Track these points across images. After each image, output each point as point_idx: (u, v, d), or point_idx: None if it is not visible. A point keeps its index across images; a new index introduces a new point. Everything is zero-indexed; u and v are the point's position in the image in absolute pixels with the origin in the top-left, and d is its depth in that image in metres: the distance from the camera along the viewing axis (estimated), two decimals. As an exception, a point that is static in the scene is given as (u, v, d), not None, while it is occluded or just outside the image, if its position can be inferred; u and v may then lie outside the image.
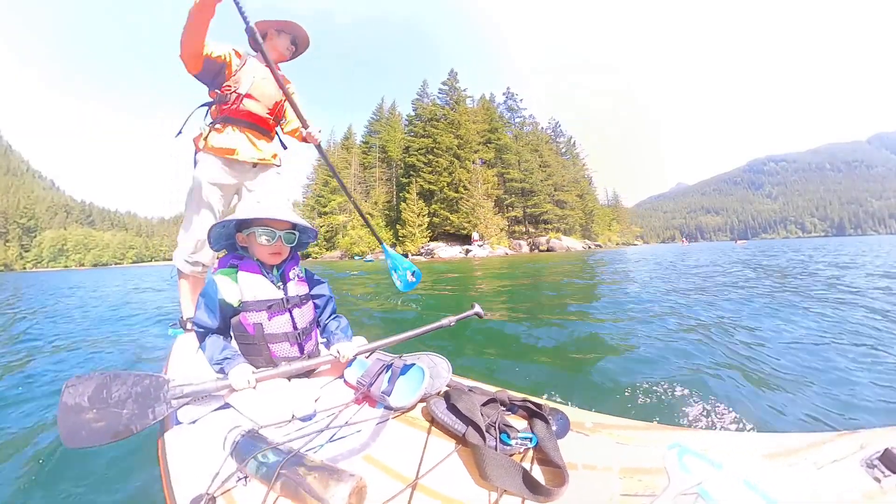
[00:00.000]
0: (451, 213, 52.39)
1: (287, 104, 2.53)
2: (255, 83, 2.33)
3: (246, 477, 1.04)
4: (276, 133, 2.64)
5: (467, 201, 51.95)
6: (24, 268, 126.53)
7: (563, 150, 79.33)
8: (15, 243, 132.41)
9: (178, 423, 1.34)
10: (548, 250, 52.11)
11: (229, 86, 2.29)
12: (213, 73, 2.26)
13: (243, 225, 1.58)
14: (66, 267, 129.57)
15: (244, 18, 2.00)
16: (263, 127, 2.47)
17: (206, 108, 2.41)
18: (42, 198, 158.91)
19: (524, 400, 1.27)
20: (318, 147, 2.61)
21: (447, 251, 48.06)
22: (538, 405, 1.23)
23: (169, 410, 1.30)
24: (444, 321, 1.85)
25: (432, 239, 53.52)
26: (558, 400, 1.36)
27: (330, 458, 1.10)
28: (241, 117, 2.35)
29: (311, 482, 0.93)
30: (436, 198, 54.86)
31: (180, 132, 2.41)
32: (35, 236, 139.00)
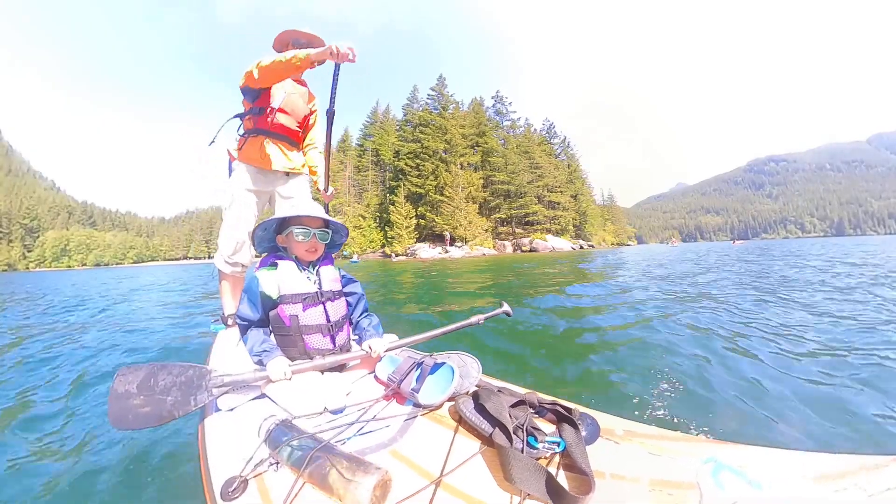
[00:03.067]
0: (437, 216, 54.50)
1: (312, 118, 2.73)
2: (286, 98, 2.48)
3: (277, 463, 1.08)
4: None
5: (448, 204, 53.92)
6: (28, 267, 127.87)
7: (559, 152, 78.16)
8: (18, 243, 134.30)
9: (218, 410, 1.41)
10: (531, 251, 52.75)
11: (264, 100, 2.42)
12: (260, 91, 2.40)
13: (282, 227, 1.72)
14: (69, 267, 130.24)
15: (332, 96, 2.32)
16: (293, 139, 2.62)
17: (239, 119, 2.55)
18: (44, 198, 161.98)
19: (554, 403, 1.25)
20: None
21: (428, 252, 50.24)
22: (568, 409, 1.20)
23: (210, 398, 1.38)
24: (473, 319, 1.86)
25: (420, 240, 55.63)
26: (589, 404, 1.32)
27: (357, 451, 1.13)
28: (273, 130, 2.49)
29: (339, 472, 0.96)
30: (423, 200, 56.98)
31: (213, 141, 2.57)
32: (38, 237, 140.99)
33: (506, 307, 1.99)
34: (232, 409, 1.41)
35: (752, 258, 15.68)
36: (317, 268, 1.73)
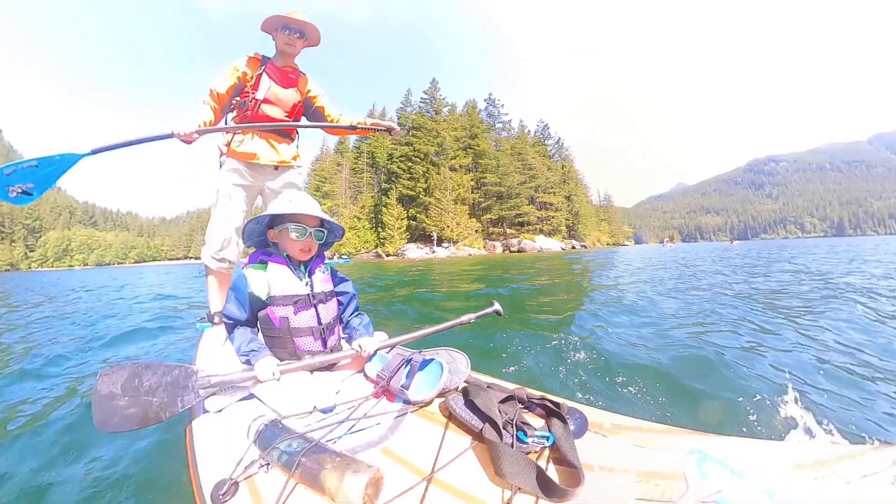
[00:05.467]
0: (427, 217, 56.57)
1: (305, 104, 2.62)
2: (272, 88, 2.40)
3: (268, 464, 1.07)
4: (297, 135, 2.69)
5: (436, 206, 56.02)
6: (30, 267, 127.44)
7: (553, 153, 79.16)
8: (20, 243, 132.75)
9: (205, 411, 1.39)
10: (518, 251, 54.47)
11: (248, 92, 2.37)
12: (237, 92, 2.40)
13: (275, 221, 1.65)
14: (71, 267, 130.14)
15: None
16: (283, 131, 2.54)
17: (230, 112, 2.49)
18: (45, 198, 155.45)
19: (542, 398, 1.26)
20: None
21: (415, 252, 52.24)
22: (556, 404, 1.21)
23: (197, 400, 1.36)
24: (464, 318, 1.86)
25: (411, 240, 57.75)
26: (577, 399, 1.34)
27: (349, 450, 1.12)
28: (259, 122, 2.41)
29: (330, 471, 0.96)
30: (414, 202, 59.08)
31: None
32: (39, 236, 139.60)
33: (496, 306, 1.99)
34: (220, 411, 1.39)
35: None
36: (309, 268, 1.68)
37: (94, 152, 2.02)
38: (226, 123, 2.47)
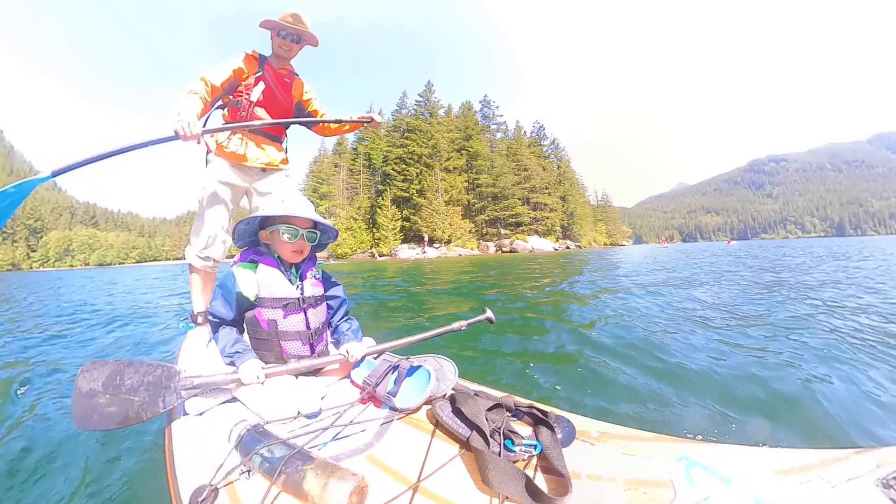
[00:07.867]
0: (420, 219, 58.00)
1: (298, 107, 2.62)
2: (266, 92, 2.40)
3: (249, 470, 1.05)
4: (286, 137, 2.70)
5: (427, 207, 57.45)
6: (31, 267, 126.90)
7: (548, 154, 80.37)
8: (22, 244, 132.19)
9: (186, 413, 1.36)
10: (511, 251, 56.13)
11: (241, 91, 2.37)
12: (230, 89, 2.39)
13: (267, 222, 1.62)
14: (72, 266, 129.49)
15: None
16: (272, 133, 2.54)
17: (221, 109, 2.48)
18: (46, 199, 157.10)
19: (530, 406, 1.25)
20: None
21: (407, 252, 53.78)
22: (544, 412, 1.21)
23: (178, 401, 1.32)
24: (455, 325, 1.85)
25: (405, 241, 59.19)
26: (564, 407, 1.33)
27: (333, 457, 1.10)
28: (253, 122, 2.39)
29: (313, 479, 0.94)
30: (408, 204, 60.40)
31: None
32: (41, 237, 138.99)
33: (489, 314, 1.97)
34: (201, 413, 1.36)
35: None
36: (300, 270, 1.65)
37: (53, 175, 1.82)
38: (209, 118, 2.44)
